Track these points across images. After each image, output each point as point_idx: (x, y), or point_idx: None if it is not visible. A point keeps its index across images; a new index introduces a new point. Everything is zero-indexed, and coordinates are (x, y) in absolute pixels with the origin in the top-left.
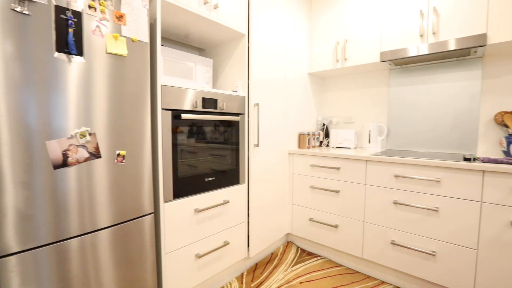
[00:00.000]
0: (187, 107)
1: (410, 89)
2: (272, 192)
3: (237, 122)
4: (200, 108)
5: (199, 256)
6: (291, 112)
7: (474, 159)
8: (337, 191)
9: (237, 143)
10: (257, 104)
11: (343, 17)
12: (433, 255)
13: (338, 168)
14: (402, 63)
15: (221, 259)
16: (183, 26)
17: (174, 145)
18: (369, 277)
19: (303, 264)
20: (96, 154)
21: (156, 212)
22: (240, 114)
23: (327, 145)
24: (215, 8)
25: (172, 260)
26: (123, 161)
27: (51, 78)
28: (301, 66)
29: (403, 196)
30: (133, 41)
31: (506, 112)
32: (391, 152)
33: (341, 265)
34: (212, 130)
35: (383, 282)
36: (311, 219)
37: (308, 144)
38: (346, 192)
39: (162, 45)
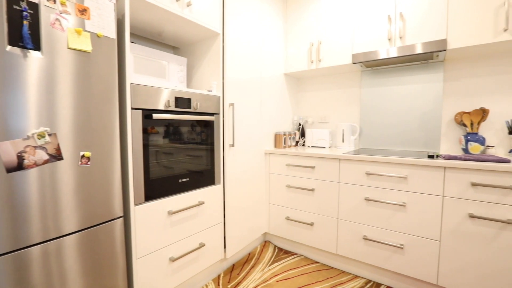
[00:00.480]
0: (159, 106)
1: (380, 90)
2: (249, 192)
3: (212, 122)
4: (173, 108)
5: (173, 260)
6: (267, 112)
7: (437, 156)
8: (312, 190)
9: (212, 143)
10: (232, 104)
11: (317, 20)
12: (401, 248)
13: (313, 167)
14: (372, 65)
15: (197, 261)
16: (155, 23)
17: (146, 145)
18: (343, 272)
19: (280, 262)
20: (57, 156)
21: (126, 216)
22: (215, 114)
23: (303, 145)
24: (188, 6)
25: (144, 264)
26: (88, 163)
27: (4, 73)
28: (277, 67)
29: (374, 193)
30: (98, 36)
31: (464, 113)
32: (363, 150)
33: (317, 262)
34: (186, 130)
35: (356, 277)
36: (287, 218)
37: (284, 143)
38: (321, 190)
39: (132, 42)
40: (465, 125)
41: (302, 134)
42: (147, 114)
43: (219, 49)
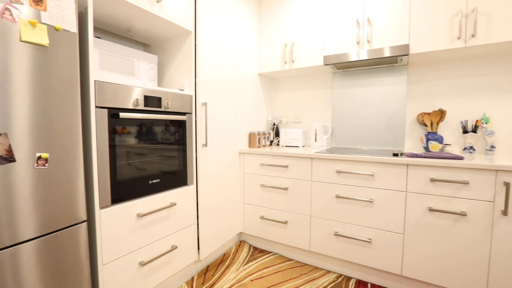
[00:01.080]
0: (127, 105)
1: (350, 92)
2: (223, 192)
3: (184, 121)
4: (142, 107)
5: (143, 264)
6: (242, 112)
7: (401, 154)
8: (286, 189)
9: (185, 143)
10: (205, 103)
11: (291, 21)
12: (369, 242)
13: (286, 166)
14: (343, 67)
15: (169, 264)
16: (123, 18)
17: (113, 146)
18: (316, 268)
19: (255, 262)
20: (8, 158)
21: (90, 220)
22: (187, 113)
23: (277, 144)
24: (157, 2)
25: (111, 270)
26: (46, 164)
27: None
28: (251, 66)
29: (344, 190)
30: (57, 30)
31: (425, 113)
32: (335, 149)
33: (291, 259)
34: (157, 130)
35: (328, 272)
36: (262, 217)
37: (259, 143)
38: (294, 189)
39: (98, 37)
40: (426, 125)
41: (277, 134)
42: (113, 113)
43: (191, 47)
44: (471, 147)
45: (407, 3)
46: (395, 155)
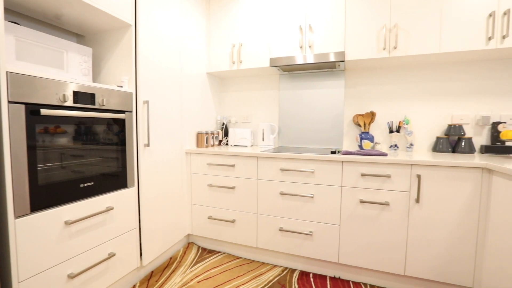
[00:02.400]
0: (51, 101)
1: (296, 93)
2: (169, 193)
3: (123, 120)
4: (70, 103)
5: (72, 276)
6: (189, 111)
7: (338, 152)
8: (233, 188)
9: (124, 143)
10: (146, 102)
11: (239, 22)
12: (311, 235)
13: (233, 166)
14: (288, 70)
15: (106, 274)
16: (51, 4)
17: (32, 146)
18: (263, 263)
19: (203, 263)
20: None
21: (2, 231)
22: (127, 111)
23: (227, 144)
24: None
25: None
26: None
27: None
28: (199, 65)
29: (288, 187)
30: None
31: (359, 115)
32: (280, 148)
33: (239, 257)
34: (91, 129)
35: (274, 266)
36: (210, 217)
37: (207, 143)
38: (241, 187)
39: (14, 22)
40: (360, 126)
41: (226, 133)
42: (33, 110)
43: (131, 41)
44: (396, 145)
45: (343, 15)
46: (333, 153)
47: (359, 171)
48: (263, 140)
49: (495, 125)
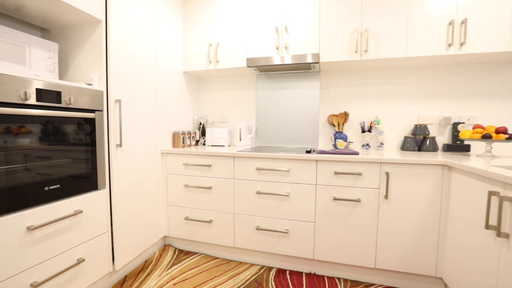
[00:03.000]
0: (10, 98)
1: (273, 93)
2: (144, 195)
3: (93, 119)
4: (33, 102)
5: (36, 285)
6: (165, 111)
7: (313, 151)
8: (210, 188)
9: (94, 144)
10: (118, 100)
11: (216, 22)
12: (287, 232)
13: (209, 166)
14: (265, 70)
15: (75, 281)
16: None
17: None
18: (241, 263)
19: (179, 265)
20: None
21: None
22: (97, 110)
23: (204, 144)
24: None
25: None
26: None
27: None
28: (175, 64)
29: (264, 186)
30: None
31: (333, 115)
32: (258, 148)
33: (217, 258)
34: (57, 129)
35: (252, 265)
36: (187, 218)
37: (183, 143)
38: (218, 187)
39: None
40: (334, 125)
41: (203, 133)
42: None
43: (101, 38)
44: (367, 144)
45: (317, 18)
46: (308, 152)
47: (332, 169)
48: (240, 140)
49: (455, 125)
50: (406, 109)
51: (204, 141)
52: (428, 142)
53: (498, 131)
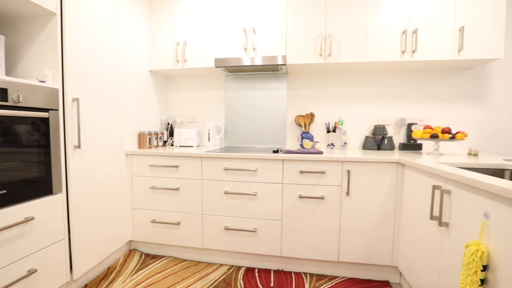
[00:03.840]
0: None
1: (242, 94)
2: (106, 198)
3: (47, 119)
4: None
5: None
6: (129, 110)
7: (280, 151)
8: (177, 189)
9: (48, 145)
10: (76, 99)
11: (183, 21)
12: (255, 231)
13: (177, 166)
14: (234, 71)
15: None
16: None
17: None
18: (210, 264)
19: (145, 269)
20: None
21: None
22: (51, 110)
23: (172, 145)
24: None
25: None
26: None
27: None
28: (141, 62)
29: (232, 186)
30: None
31: (300, 116)
32: (227, 148)
33: (185, 260)
34: (4, 129)
35: (221, 265)
36: (153, 221)
37: (150, 144)
38: (186, 188)
39: None
40: (301, 126)
41: (171, 134)
42: None
43: (55, 32)
44: (332, 144)
45: (284, 21)
46: (275, 152)
47: (298, 168)
48: (209, 140)
49: (409, 125)
50: (367, 111)
51: (172, 141)
52: (386, 142)
53: (443, 131)
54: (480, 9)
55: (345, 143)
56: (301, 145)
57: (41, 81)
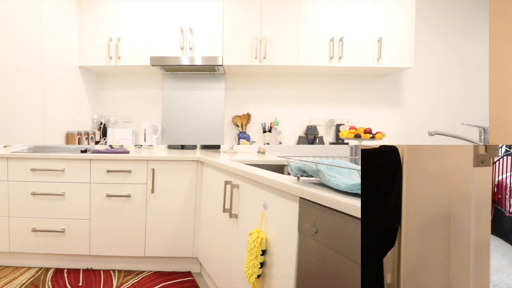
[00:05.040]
0: None
1: (179, 94)
2: None
3: None
4: None
5: None
6: (55, 108)
7: (88, 151)
8: None
9: None
10: None
11: (117, 15)
12: (63, 231)
13: None
14: (171, 70)
15: None
16: None
17: None
18: (17, 267)
19: None
20: None
21: None
22: None
23: (105, 144)
24: None
25: None
26: None
27: None
28: (68, 58)
29: (40, 187)
30: None
31: (237, 116)
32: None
33: None
34: None
35: (29, 268)
36: None
37: (79, 144)
38: None
39: None
40: (238, 126)
41: (104, 134)
42: None
43: None
44: (268, 143)
45: (221, 22)
46: (83, 151)
47: (105, 168)
48: (145, 140)
49: (338, 126)
50: (300, 112)
51: (105, 142)
52: (317, 141)
53: (365, 131)
54: (394, 23)
55: (280, 142)
56: (238, 144)
57: None
